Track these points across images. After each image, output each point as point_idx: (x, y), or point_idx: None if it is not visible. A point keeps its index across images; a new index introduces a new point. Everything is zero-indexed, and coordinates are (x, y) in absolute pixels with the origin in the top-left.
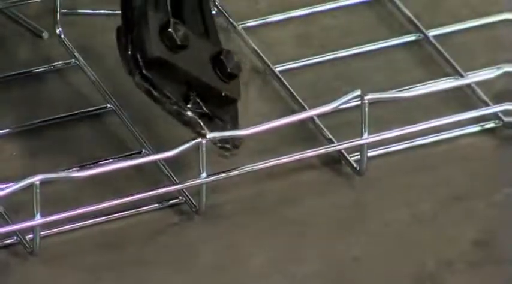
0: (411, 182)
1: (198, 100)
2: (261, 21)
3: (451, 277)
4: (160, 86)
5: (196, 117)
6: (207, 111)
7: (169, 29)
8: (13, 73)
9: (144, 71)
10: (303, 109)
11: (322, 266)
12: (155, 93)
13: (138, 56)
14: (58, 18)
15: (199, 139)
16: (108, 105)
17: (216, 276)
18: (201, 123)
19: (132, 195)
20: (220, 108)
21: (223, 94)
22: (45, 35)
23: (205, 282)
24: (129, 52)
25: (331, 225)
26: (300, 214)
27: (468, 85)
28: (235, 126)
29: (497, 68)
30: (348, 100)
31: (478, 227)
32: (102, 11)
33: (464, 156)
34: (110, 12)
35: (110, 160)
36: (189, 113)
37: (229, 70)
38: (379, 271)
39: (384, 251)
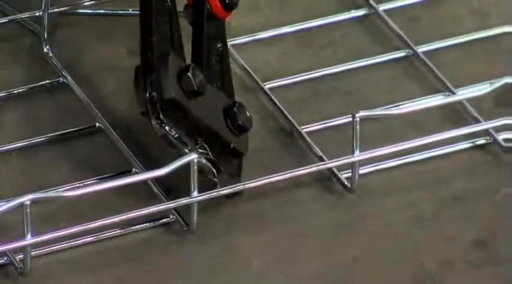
0: (411, 183)
1: (206, 145)
2: (250, 38)
3: (451, 277)
4: (177, 131)
5: (210, 165)
6: (213, 158)
7: (188, 74)
8: (2, 94)
9: (161, 116)
10: (291, 124)
11: (322, 267)
12: (172, 138)
13: (156, 98)
14: (45, 37)
15: (190, 158)
16: (97, 124)
17: (216, 276)
18: (214, 171)
19: (122, 213)
20: (225, 158)
21: (231, 146)
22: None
23: (205, 282)
24: (147, 94)
25: (331, 226)
26: (300, 214)
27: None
28: (238, 179)
29: (489, 83)
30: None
31: (478, 227)
32: (102, 11)
33: (463, 162)
34: (110, 12)
35: (101, 180)
36: (203, 160)
37: (240, 122)
38: (379, 271)
39: (383, 251)
